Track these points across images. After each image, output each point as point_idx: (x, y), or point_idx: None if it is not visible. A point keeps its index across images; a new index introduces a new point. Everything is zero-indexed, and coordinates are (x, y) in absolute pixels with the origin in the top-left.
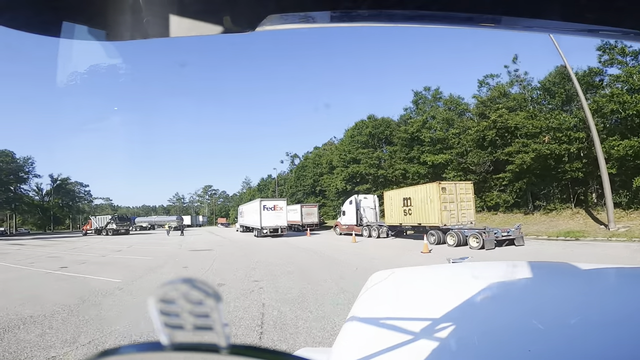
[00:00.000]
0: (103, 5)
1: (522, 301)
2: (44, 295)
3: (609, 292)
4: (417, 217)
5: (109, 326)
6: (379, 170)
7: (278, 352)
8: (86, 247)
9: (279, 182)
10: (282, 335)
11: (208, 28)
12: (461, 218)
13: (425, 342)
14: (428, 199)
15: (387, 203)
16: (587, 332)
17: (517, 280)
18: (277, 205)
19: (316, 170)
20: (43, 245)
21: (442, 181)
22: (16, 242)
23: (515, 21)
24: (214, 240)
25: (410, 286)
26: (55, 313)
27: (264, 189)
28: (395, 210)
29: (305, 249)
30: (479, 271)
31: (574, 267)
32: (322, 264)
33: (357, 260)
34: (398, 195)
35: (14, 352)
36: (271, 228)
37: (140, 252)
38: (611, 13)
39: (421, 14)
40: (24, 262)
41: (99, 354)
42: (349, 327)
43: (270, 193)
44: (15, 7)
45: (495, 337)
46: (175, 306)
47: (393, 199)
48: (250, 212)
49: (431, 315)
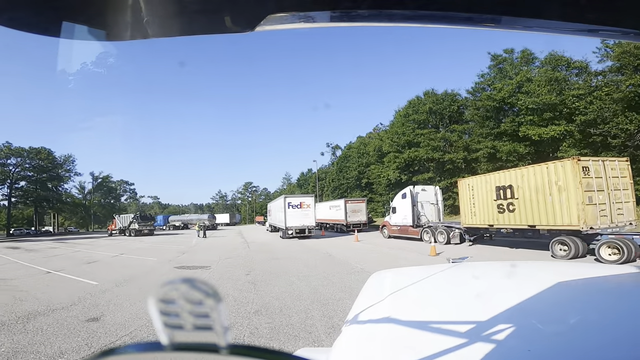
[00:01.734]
0: (103, 5)
1: (522, 301)
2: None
3: (609, 292)
4: (524, 215)
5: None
6: (445, 155)
7: (278, 352)
8: (72, 253)
9: (319, 177)
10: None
11: (208, 28)
12: (616, 217)
13: (425, 342)
14: (553, 187)
15: (464, 196)
16: (587, 332)
17: (517, 280)
18: (303, 203)
19: (361, 161)
20: (33, 250)
21: (580, 157)
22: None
23: (515, 21)
24: (232, 245)
25: (410, 286)
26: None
27: (304, 184)
28: (480, 205)
29: (363, 271)
30: (479, 271)
31: (574, 268)
32: None
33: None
34: (485, 184)
35: None
36: (297, 228)
37: (116, 265)
38: (611, 13)
39: (421, 14)
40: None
41: (99, 354)
42: (349, 327)
43: (311, 188)
44: (15, 7)
45: (495, 337)
46: (175, 306)
47: (476, 190)
48: (276, 211)
49: (431, 315)
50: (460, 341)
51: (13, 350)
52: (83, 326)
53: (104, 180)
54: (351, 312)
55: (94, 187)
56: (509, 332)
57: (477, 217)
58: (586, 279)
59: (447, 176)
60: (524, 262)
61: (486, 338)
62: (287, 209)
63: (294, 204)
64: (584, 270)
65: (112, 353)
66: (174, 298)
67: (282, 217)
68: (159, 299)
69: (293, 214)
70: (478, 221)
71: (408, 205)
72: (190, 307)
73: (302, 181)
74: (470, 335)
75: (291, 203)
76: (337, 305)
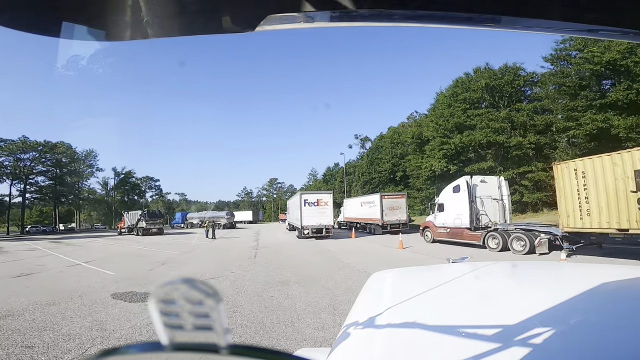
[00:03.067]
0: (103, 5)
1: (521, 301)
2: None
3: (609, 292)
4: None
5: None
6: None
7: (278, 352)
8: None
9: (347, 171)
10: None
11: (208, 28)
12: None
13: (425, 342)
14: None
15: (567, 186)
16: (587, 332)
17: (516, 280)
18: (321, 200)
19: (395, 151)
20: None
21: None
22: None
23: (515, 21)
24: (237, 251)
25: (410, 286)
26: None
27: (330, 179)
28: (599, 199)
29: None
30: (478, 271)
31: (574, 267)
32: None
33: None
34: (611, 168)
35: None
36: (313, 228)
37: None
38: (611, 13)
39: (421, 14)
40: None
41: (99, 354)
42: (348, 327)
43: (338, 184)
44: (15, 7)
45: (495, 337)
46: (175, 306)
47: (591, 177)
48: (293, 208)
49: (431, 315)
50: (460, 341)
51: None
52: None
53: (127, 176)
54: (351, 312)
55: (115, 184)
56: (509, 332)
57: (593, 218)
58: (586, 279)
59: (512, 165)
60: (524, 262)
61: (486, 338)
62: (302, 206)
63: (310, 202)
64: (584, 271)
65: (112, 353)
66: (174, 298)
67: (298, 215)
68: (159, 299)
69: (309, 212)
70: (594, 223)
71: (463, 201)
72: (190, 307)
73: (328, 176)
74: (470, 335)
75: (307, 200)
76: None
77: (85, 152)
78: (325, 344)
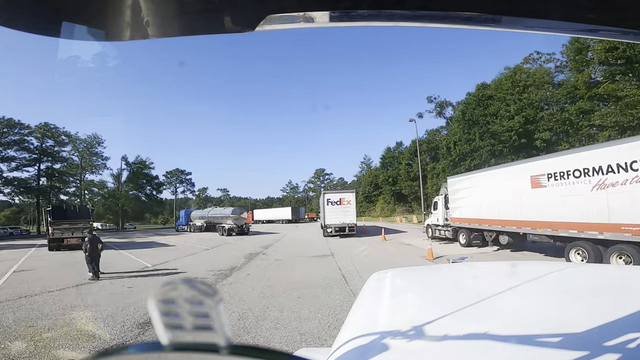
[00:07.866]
0: (103, 5)
1: (521, 301)
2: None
3: (609, 291)
4: None
5: None
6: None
7: (278, 352)
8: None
9: (427, 146)
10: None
11: (208, 28)
12: None
13: (425, 342)
14: None
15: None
16: (587, 331)
17: (516, 280)
18: (343, 199)
19: (528, 96)
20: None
21: None
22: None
23: (516, 21)
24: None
25: (410, 286)
26: None
27: (391, 163)
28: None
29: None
30: (478, 271)
31: (573, 267)
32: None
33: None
34: None
35: None
36: (337, 226)
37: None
38: (611, 13)
39: (421, 14)
40: None
41: (99, 354)
42: (348, 327)
43: (404, 168)
44: (15, 7)
45: (494, 336)
46: (175, 306)
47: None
48: (320, 207)
49: (431, 315)
50: (460, 341)
51: None
52: None
53: (142, 167)
54: (351, 312)
55: (128, 176)
56: (508, 332)
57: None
58: (586, 278)
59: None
60: (523, 262)
61: (486, 338)
62: (325, 205)
63: (333, 201)
64: (584, 270)
65: (112, 353)
66: (174, 298)
67: (322, 214)
68: (159, 299)
69: (332, 211)
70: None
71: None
72: (190, 307)
73: (387, 160)
74: (470, 335)
75: (330, 199)
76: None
77: (89, 136)
78: (326, 344)
